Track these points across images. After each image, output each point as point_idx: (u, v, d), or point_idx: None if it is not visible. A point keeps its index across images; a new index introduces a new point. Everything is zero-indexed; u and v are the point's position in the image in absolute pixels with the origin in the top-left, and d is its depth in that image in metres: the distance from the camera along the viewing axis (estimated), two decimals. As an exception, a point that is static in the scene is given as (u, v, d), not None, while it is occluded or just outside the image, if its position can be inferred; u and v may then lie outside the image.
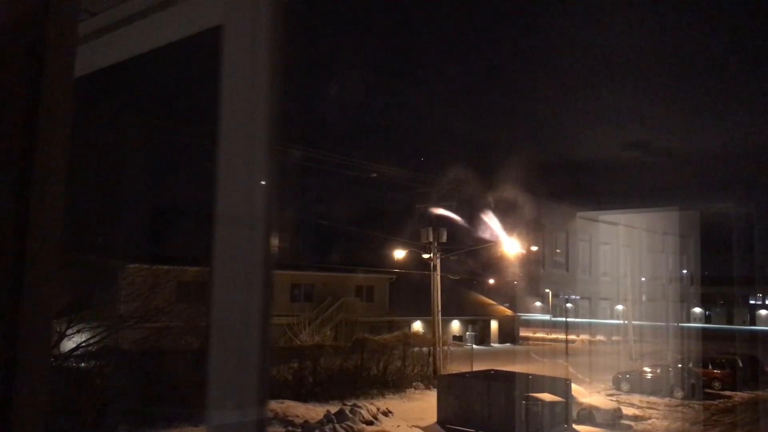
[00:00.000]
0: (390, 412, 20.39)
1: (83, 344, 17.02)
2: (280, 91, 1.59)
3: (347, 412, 19.21)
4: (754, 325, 64.76)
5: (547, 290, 52.74)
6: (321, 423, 18.67)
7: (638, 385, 27.31)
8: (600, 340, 47.51)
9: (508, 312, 48.58)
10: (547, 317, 56.72)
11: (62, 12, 1.21)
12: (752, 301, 68.34)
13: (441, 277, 31.23)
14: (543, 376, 22.32)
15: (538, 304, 61.59)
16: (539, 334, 52.40)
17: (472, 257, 39.16)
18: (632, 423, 21.70)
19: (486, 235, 33.67)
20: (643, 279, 41.08)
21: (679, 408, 24.64)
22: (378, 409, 20.14)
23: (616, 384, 28.02)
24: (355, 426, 18.54)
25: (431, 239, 30.60)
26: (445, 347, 30.49)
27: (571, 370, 30.80)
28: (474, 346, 37.16)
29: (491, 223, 33.34)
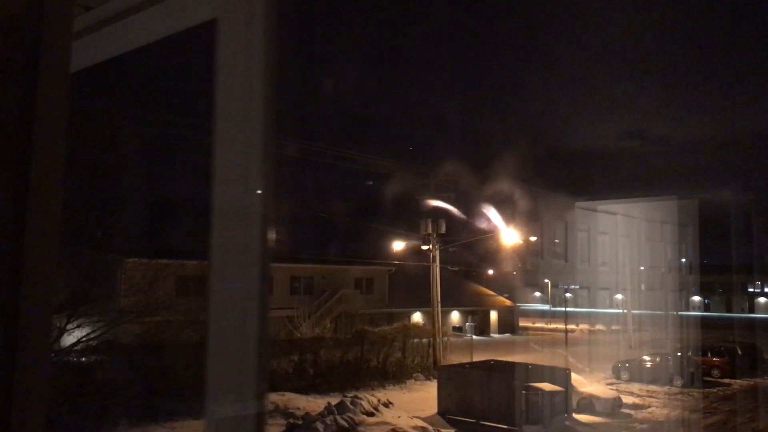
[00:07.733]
0: (390, 403, 20.45)
1: (84, 339, 17.07)
2: (275, 85, 1.59)
3: (348, 403, 19.26)
4: (753, 312, 64.97)
5: (546, 280, 52.91)
6: (322, 415, 18.72)
7: (638, 374, 27.41)
8: (599, 330, 47.62)
9: (508, 302, 48.65)
10: (546, 307, 56.96)
11: (57, 7, 1.21)
12: (751, 289, 68.59)
13: (440, 268, 31.28)
14: (543, 366, 22.40)
15: (537, 294, 61.77)
16: (539, 324, 52.54)
17: (471, 248, 39.19)
18: (632, 411, 21.79)
19: (485, 226, 33.72)
20: (642, 268, 41.15)
21: (679, 396, 24.74)
22: (379, 401, 20.20)
23: (616, 373, 28.12)
24: (355, 417, 18.59)
25: (430, 230, 30.59)
26: (445, 338, 30.58)
27: (570, 359, 30.90)
28: (474, 337, 37.25)
29: (490, 213, 33.38)
